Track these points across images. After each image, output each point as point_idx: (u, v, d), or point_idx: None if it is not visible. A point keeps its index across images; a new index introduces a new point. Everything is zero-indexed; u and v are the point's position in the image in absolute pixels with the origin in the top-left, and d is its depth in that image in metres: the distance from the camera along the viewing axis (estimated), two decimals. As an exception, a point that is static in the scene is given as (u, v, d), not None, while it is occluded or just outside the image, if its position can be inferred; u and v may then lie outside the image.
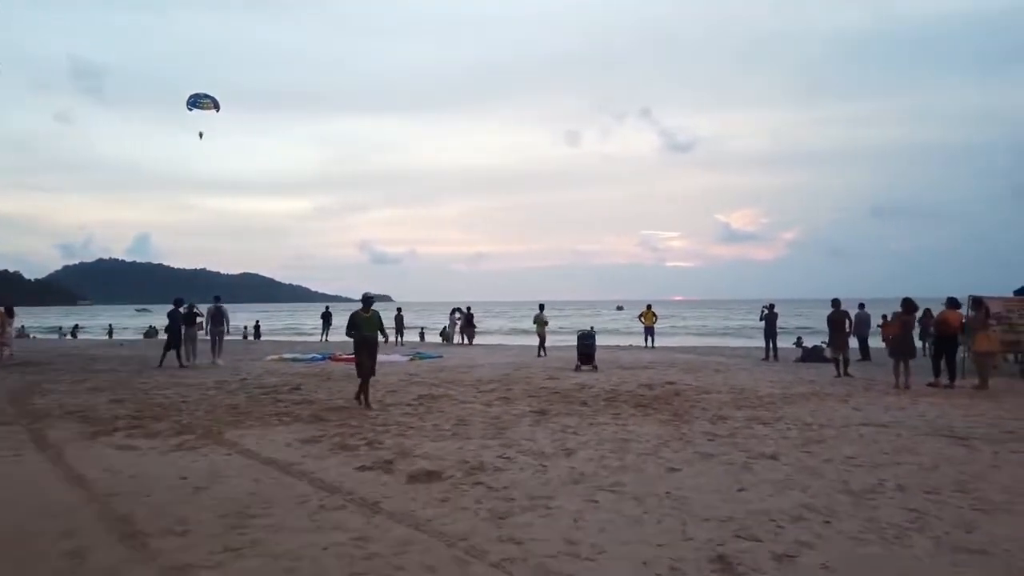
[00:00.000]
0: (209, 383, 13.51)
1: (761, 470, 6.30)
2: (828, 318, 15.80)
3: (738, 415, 9.53)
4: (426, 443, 7.55)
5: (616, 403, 10.70)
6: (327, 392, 12.03)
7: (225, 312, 19.36)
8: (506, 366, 17.82)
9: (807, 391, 12.25)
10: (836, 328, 15.52)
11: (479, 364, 18.56)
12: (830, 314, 15.71)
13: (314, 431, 8.28)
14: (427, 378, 14.52)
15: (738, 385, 13.15)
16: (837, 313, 15.62)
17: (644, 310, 29.14)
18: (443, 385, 13.14)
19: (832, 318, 15.65)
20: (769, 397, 11.40)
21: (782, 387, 12.89)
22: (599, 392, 12.01)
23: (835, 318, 15.59)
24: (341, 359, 20.01)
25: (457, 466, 6.43)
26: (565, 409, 10.09)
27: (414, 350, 23.93)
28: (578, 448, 7.28)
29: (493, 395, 11.65)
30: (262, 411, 9.86)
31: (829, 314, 15.75)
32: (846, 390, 12.38)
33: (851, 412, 9.82)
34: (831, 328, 15.68)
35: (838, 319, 15.55)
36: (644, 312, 29.02)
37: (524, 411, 9.89)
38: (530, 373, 15.79)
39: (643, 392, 12.01)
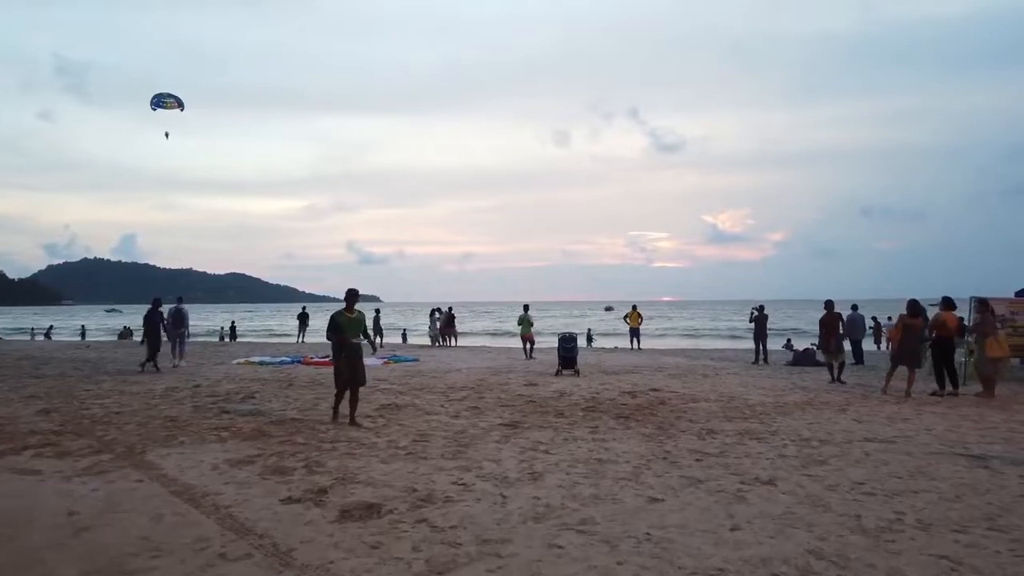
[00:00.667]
0: (158, 390, 12.49)
1: (757, 500, 5.39)
2: (820, 320, 14.93)
3: (728, 428, 8.63)
4: (374, 465, 6.59)
5: (595, 414, 9.78)
6: (283, 402, 11.03)
7: (186, 313, 18.42)
8: (484, 370, 16.88)
9: (801, 399, 11.39)
10: (829, 331, 14.64)
11: (456, 368, 17.61)
12: (823, 316, 14.86)
13: (251, 449, 7.30)
14: (396, 384, 13.56)
15: (727, 392, 12.27)
16: (830, 315, 14.78)
17: (629, 311, 28.29)
18: (411, 392, 12.18)
19: (825, 320, 14.79)
20: (761, 406, 10.53)
21: (774, 394, 12.03)
22: (578, 401, 11.09)
23: (828, 320, 14.73)
24: (311, 362, 19.06)
25: (402, 496, 5.48)
26: (539, 421, 9.16)
27: (391, 353, 22.94)
28: (547, 471, 6.35)
29: (463, 404, 10.70)
30: (201, 424, 8.86)
31: (822, 316, 14.90)
32: (843, 398, 11.52)
33: (852, 424, 8.94)
34: (824, 331, 14.80)
35: (831, 321, 14.70)
36: (629, 313, 28.19)
37: (493, 424, 8.95)
38: (508, 379, 14.86)
39: (625, 401, 11.10)
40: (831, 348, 14.42)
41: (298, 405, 10.57)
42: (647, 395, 11.83)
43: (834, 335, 14.51)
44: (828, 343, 14.55)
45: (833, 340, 14.43)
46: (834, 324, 14.63)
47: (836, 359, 14.22)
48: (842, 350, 14.65)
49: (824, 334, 14.76)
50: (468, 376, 15.36)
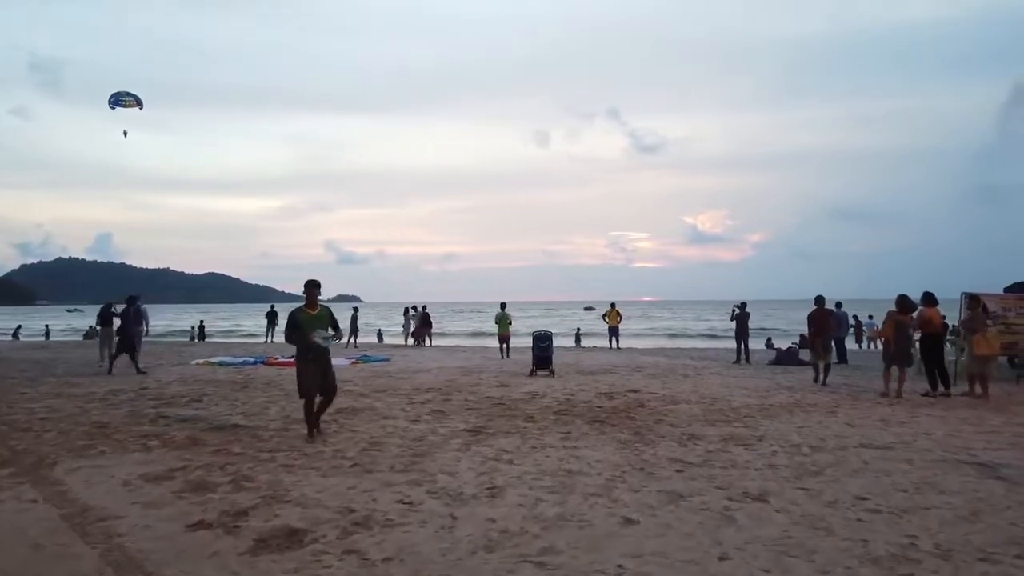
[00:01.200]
0: (100, 393, 11.56)
1: (747, 521, 4.66)
2: (809, 317, 14.06)
3: (712, 433, 7.91)
4: (312, 479, 5.78)
5: (568, 417, 9.03)
6: (230, 405, 10.16)
7: (144, 312, 17.44)
8: (455, 371, 16.09)
9: (787, 401, 10.72)
10: (818, 329, 13.79)
11: (427, 368, 16.80)
12: (812, 312, 13.99)
13: (176, 461, 6.45)
14: (360, 385, 12.72)
15: (710, 393, 11.58)
16: (820, 312, 13.98)
17: (608, 309, 27.64)
18: (373, 395, 11.35)
19: (814, 317, 13.93)
20: (746, 408, 9.84)
21: (759, 396, 11.35)
22: (551, 403, 10.33)
23: (817, 317, 13.93)
24: (275, 363, 18.14)
25: (335, 519, 4.68)
26: (507, 426, 8.39)
27: (361, 353, 22.05)
28: (508, 485, 5.58)
29: (426, 408, 9.90)
30: (130, 431, 7.98)
31: (811, 312, 14.06)
32: (831, 400, 10.87)
33: (844, 428, 8.27)
34: (812, 328, 13.90)
35: (820, 318, 13.92)
36: (608, 312, 27.54)
37: (456, 429, 8.16)
38: (479, 379, 14.09)
39: (601, 403, 10.36)
40: (818, 347, 13.61)
41: (245, 409, 9.71)
42: (625, 397, 11.10)
43: (822, 334, 13.70)
44: (815, 342, 13.76)
45: (820, 339, 13.63)
46: (824, 321, 13.87)
47: (823, 359, 13.47)
48: (829, 350, 13.96)
49: (811, 332, 13.96)
50: (437, 377, 14.56)
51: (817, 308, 13.95)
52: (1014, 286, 15.09)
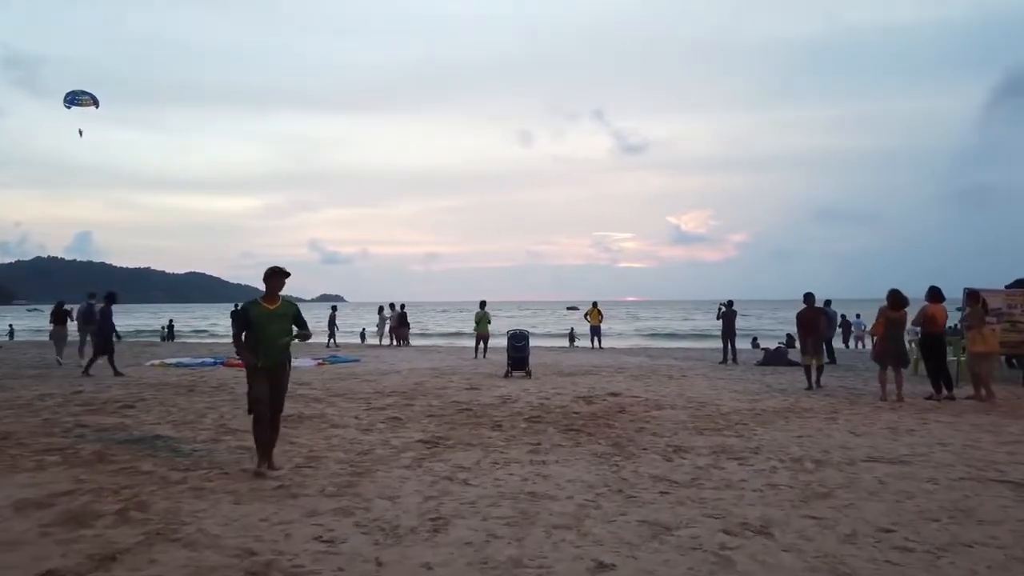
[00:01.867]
0: (27, 397, 10.46)
1: (750, 564, 3.71)
2: (798, 316, 13.06)
3: (700, 445, 6.98)
4: (221, 507, 4.76)
5: (540, 425, 8.07)
6: (163, 413, 9.08)
7: (97, 311, 16.38)
8: (426, 372, 15.10)
9: (781, 405, 9.83)
10: (808, 329, 12.63)
11: (396, 370, 15.79)
12: (801, 311, 12.98)
13: (68, 482, 5.40)
14: (317, 388, 11.70)
15: (697, 397, 10.67)
16: (810, 311, 12.86)
17: (590, 308, 26.70)
18: (328, 399, 10.33)
19: (803, 316, 12.89)
20: (737, 415, 8.93)
21: (749, 399, 10.46)
22: (522, 409, 9.36)
23: (807, 317, 12.81)
24: (234, 364, 17.01)
25: (229, 565, 3.67)
26: (469, 437, 7.41)
27: (331, 353, 20.95)
28: (457, 515, 4.60)
29: (383, 415, 8.90)
30: (35, 444, 6.91)
31: (800, 311, 13.07)
32: (828, 404, 9.99)
33: (849, 438, 7.36)
34: (801, 328, 12.81)
35: (811, 318, 12.76)
36: (590, 310, 26.59)
37: (410, 441, 7.16)
38: (449, 382, 13.10)
39: (578, 408, 9.40)
40: (809, 348, 12.51)
41: (179, 417, 8.65)
42: (604, 401, 10.16)
43: (813, 334, 12.58)
44: (806, 343, 12.66)
45: (811, 339, 12.53)
46: (814, 321, 12.72)
47: (815, 361, 12.41)
48: (821, 351, 13.04)
49: (802, 332, 12.85)
50: (405, 379, 13.56)
51: (807, 307, 12.83)
52: (1016, 283, 14.29)
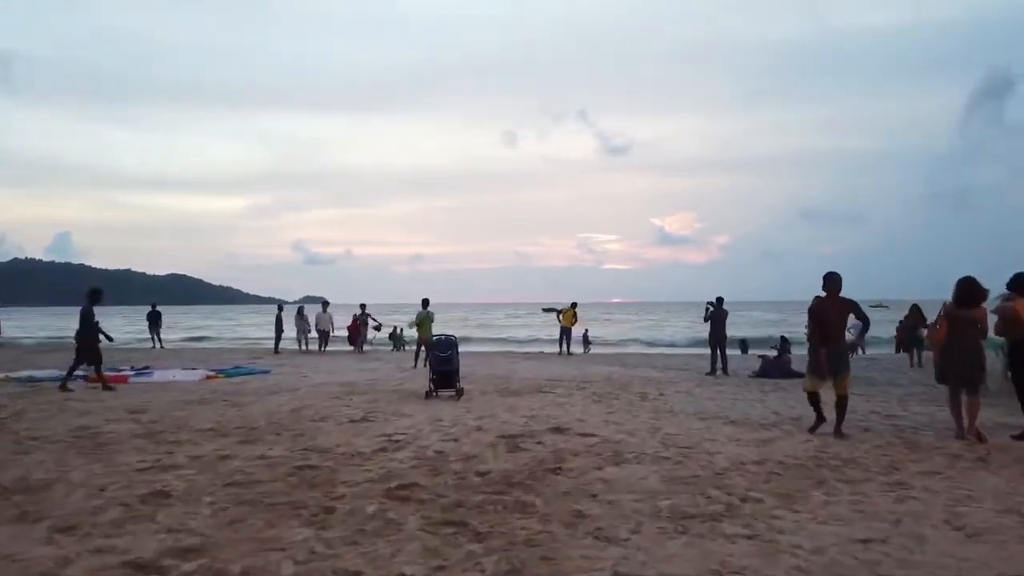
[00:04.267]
0: None
1: None
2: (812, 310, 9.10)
3: (683, 568, 3.57)
4: None
5: (405, 508, 4.62)
6: None
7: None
8: (335, 389, 11.68)
9: (803, 452, 6.45)
10: (826, 330, 7.54)
11: (296, 387, 12.33)
12: (817, 303, 9.01)
13: None
14: (144, 417, 8.21)
15: (677, 435, 7.27)
16: (831, 300, 7.79)
17: (566, 308, 23.27)
18: (114, 444, 6.83)
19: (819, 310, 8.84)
20: (740, 473, 5.55)
21: (754, 439, 7.08)
22: (399, 466, 5.89)
23: (824, 309, 7.69)
24: (95, 379, 13.45)
25: None
26: (248, 543, 3.95)
27: (231, 364, 17.35)
28: None
29: (155, 483, 5.41)
30: None
31: (814, 304, 9.16)
32: (875, 450, 6.60)
33: (950, 539, 3.98)
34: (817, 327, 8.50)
35: (833, 310, 7.69)
36: (564, 311, 23.19)
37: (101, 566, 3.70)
38: (345, 405, 9.69)
39: (490, 465, 5.93)
40: (822, 365, 7.40)
41: None
42: (538, 446, 6.72)
43: (831, 339, 7.48)
44: (818, 356, 7.41)
45: (829, 348, 7.42)
46: (835, 316, 7.54)
47: (837, 388, 7.40)
48: (846, 367, 7.59)
49: (816, 332, 7.54)
50: (290, 401, 10.11)
51: (829, 293, 7.74)
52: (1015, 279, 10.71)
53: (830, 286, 7.58)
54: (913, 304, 18.01)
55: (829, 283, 7.58)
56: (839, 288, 7.56)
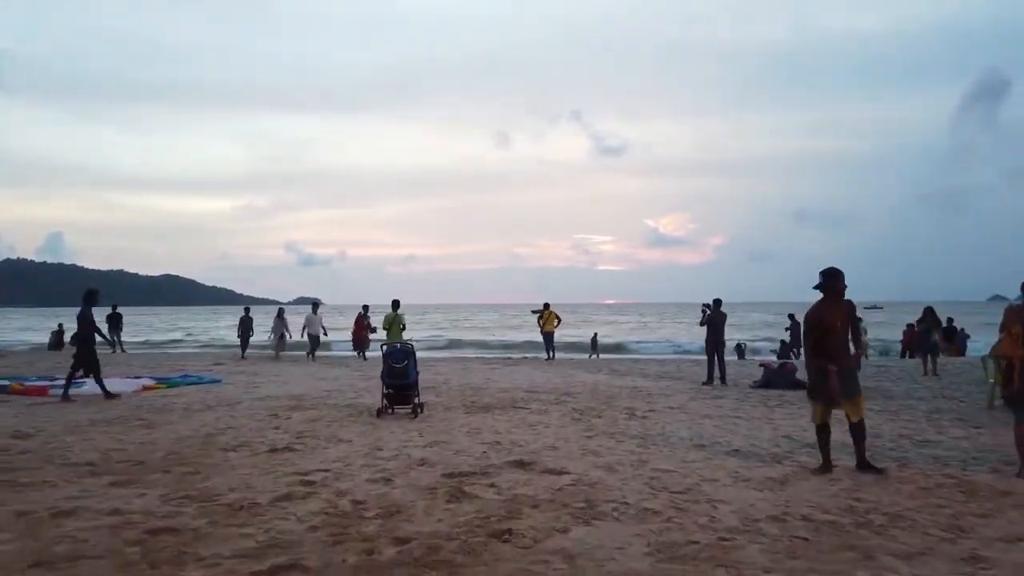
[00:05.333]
0: None
1: None
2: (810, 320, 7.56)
3: None
4: None
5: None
6: None
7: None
8: (276, 404, 10.23)
9: (832, 503, 4.98)
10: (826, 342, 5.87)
11: (238, 400, 10.85)
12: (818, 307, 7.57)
13: None
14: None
15: (669, 478, 5.77)
16: (829, 305, 6.10)
17: (542, 310, 21.66)
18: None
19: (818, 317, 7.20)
20: (756, 542, 4.06)
21: (769, 480, 5.59)
22: (288, 534, 4.39)
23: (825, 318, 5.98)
24: (18, 391, 11.92)
25: None
26: None
27: (181, 372, 15.79)
28: None
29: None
30: None
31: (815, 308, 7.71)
32: (922, 494, 5.14)
33: None
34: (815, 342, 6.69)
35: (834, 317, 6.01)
36: (543, 314, 21.57)
37: None
38: (276, 426, 8.19)
39: (413, 528, 4.42)
40: (834, 384, 5.69)
41: None
42: (489, 491, 5.21)
43: (841, 353, 5.86)
44: (830, 377, 5.70)
45: (840, 362, 5.78)
46: (840, 325, 5.92)
47: (852, 415, 5.82)
48: (858, 387, 5.94)
49: (818, 345, 5.87)
50: (209, 422, 8.61)
51: (829, 296, 6.02)
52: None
53: (833, 285, 5.96)
54: (927, 307, 16.56)
55: (831, 281, 5.95)
56: (844, 288, 6.01)
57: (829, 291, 5.95)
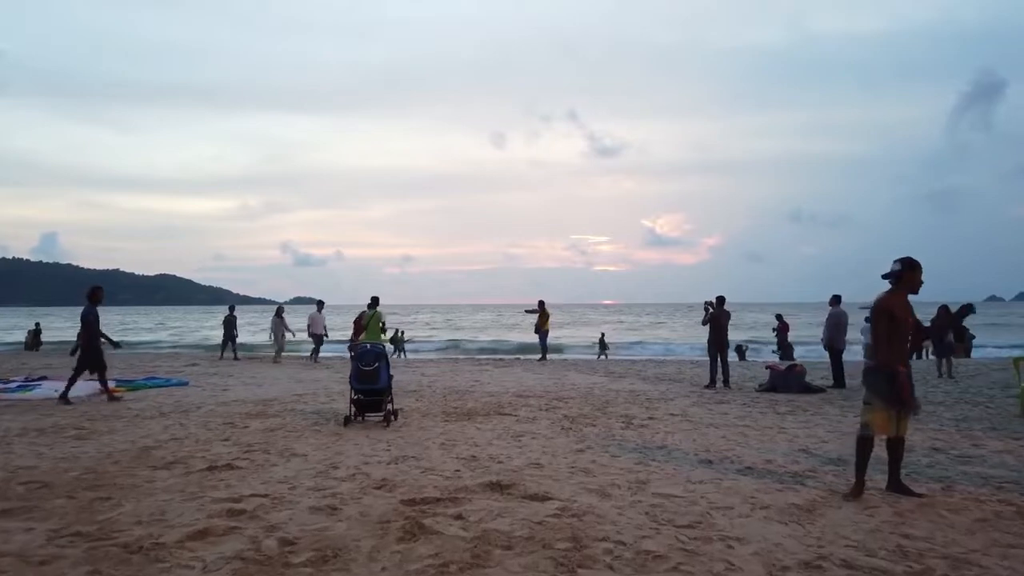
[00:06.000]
0: None
1: None
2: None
3: None
4: None
5: None
6: None
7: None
8: (237, 412, 9.28)
9: (886, 543, 4.05)
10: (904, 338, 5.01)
11: (200, 404, 9.92)
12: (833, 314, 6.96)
13: None
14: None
15: (673, 505, 4.83)
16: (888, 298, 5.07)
17: (535, 307, 20.84)
18: None
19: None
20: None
21: (793, 508, 4.65)
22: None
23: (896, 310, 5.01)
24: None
25: None
26: None
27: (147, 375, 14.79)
28: None
29: None
30: None
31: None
32: (986, 529, 4.21)
33: None
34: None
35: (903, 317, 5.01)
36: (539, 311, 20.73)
37: None
38: (204, 446, 7.23)
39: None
40: (907, 390, 4.82)
41: None
42: (452, 527, 4.27)
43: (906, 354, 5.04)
44: (900, 381, 4.79)
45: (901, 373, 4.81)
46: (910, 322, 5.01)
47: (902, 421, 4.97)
48: (910, 402, 4.91)
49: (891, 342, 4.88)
50: (153, 432, 7.66)
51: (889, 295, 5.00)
52: None
53: (910, 277, 4.96)
54: (942, 305, 15.63)
55: (908, 272, 4.94)
56: (920, 284, 5.01)
57: (903, 283, 4.96)
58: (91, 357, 10.67)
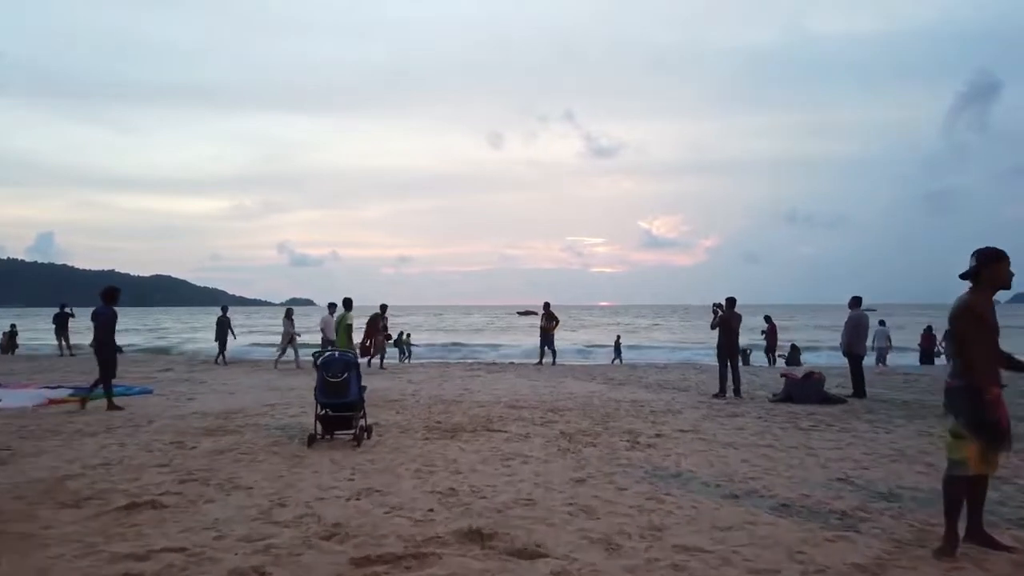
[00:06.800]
0: None
1: None
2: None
3: None
4: None
5: None
6: None
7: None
8: (195, 424, 8.18)
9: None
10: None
11: (142, 422, 8.84)
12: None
13: None
14: None
15: (703, 570, 3.80)
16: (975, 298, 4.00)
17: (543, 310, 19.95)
18: None
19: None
20: None
21: (852, 569, 3.62)
22: None
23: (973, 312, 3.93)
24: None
25: None
26: None
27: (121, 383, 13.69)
28: None
29: None
30: None
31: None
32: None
33: None
34: None
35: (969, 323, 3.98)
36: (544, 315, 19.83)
37: None
38: (134, 473, 6.19)
39: None
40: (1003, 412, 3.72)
41: None
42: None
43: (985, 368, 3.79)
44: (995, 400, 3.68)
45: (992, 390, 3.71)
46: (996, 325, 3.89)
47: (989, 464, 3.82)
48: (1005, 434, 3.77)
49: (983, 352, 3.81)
50: (86, 454, 6.60)
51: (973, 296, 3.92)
52: None
53: (996, 272, 3.90)
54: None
55: (995, 266, 3.89)
56: (1011, 277, 3.97)
57: (985, 279, 3.91)
58: (103, 358, 10.06)
